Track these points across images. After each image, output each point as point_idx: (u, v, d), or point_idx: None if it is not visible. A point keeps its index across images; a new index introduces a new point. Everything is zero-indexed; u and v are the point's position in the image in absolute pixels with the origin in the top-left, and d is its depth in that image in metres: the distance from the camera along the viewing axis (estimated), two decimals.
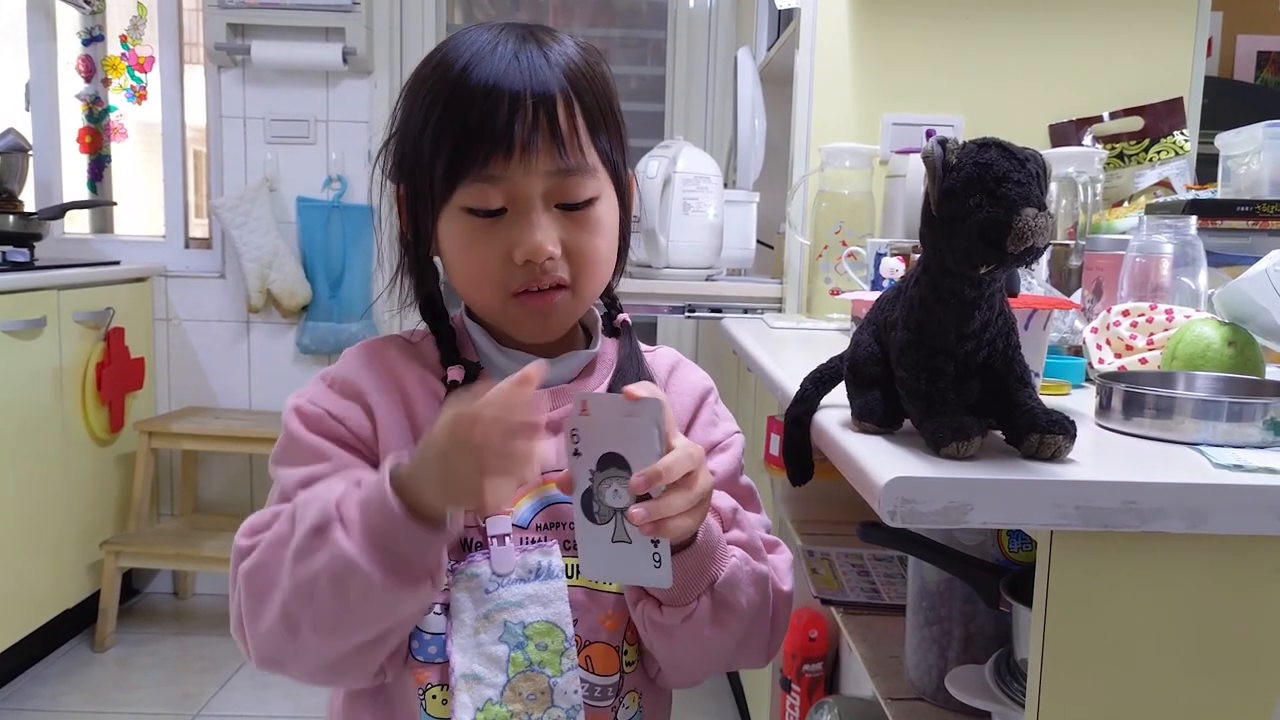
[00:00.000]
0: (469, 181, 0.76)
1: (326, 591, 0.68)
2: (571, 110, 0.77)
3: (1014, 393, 0.71)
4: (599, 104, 0.79)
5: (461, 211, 0.78)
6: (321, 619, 0.69)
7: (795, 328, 1.68)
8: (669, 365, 0.90)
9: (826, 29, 1.87)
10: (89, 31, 3.02)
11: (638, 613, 0.78)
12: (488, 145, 0.75)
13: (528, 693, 0.77)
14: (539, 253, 0.76)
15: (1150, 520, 0.63)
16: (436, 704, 0.77)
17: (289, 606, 0.69)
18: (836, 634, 1.75)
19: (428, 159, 0.77)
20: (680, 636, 0.77)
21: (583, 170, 0.77)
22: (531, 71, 0.75)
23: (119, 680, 2.52)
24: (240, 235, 2.85)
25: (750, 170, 2.19)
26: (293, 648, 0.72)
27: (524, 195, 0.76)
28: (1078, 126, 1.83)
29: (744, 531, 0.80)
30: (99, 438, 2.69)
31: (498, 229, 0.77)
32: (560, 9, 3.13)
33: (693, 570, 0.74)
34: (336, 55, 2.79)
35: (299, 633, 0.70)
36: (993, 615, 0.97)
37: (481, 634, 0.76)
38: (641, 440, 0.68)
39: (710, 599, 0.76)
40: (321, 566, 0.67)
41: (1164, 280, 1.08)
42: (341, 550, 0.67)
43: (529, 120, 0.74)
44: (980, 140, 0.68)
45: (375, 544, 0.67)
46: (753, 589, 0.78)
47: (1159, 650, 0.66)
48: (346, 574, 0.67)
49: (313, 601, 0.69)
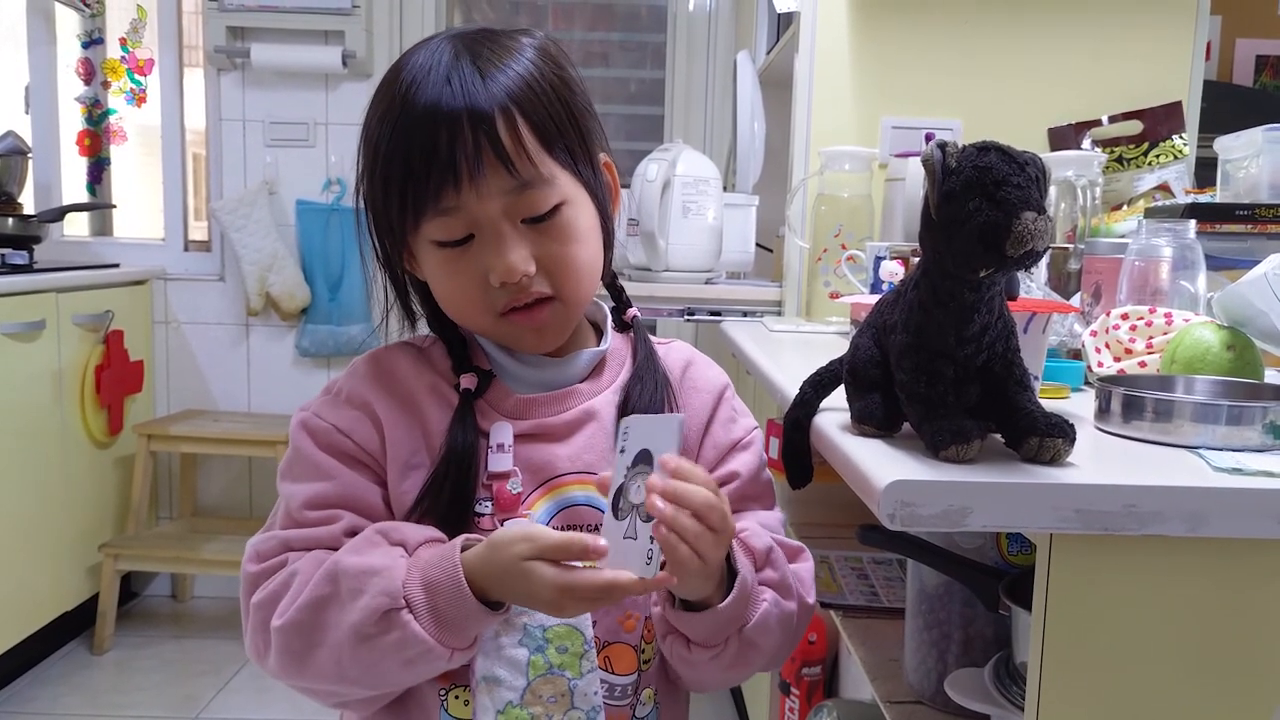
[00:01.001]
0: (429, 217, 0.76)
1: (395, 669, 0.72)
2: (514, 125, 0.74)
3: (1013, 396, 0.71)
4: (549, 110, 0.76)
5: (431, 244, 0.78)
6: (381, 684, 0.74)
7: (794, 331, 1.68)
8: (684, 361, 0.90)
9: (826, 32, 1.87)
10: (89, 34, 3.02)
11: (665, 645, 0.79)
12: (436, 178, 0.74)
13: (548, 695, 0.77)
14: (512, 273, 0.76)
15: (1149, 523, 0.63)
16: (458, 705, 0.78)
17: (347, 672, 0.73)
18: (836, 637, 1.75)
19: (382, 202, 0.78)
20: (705, 669, 0.79)
21: (538, 182, 0.76)
22: (466, 94, 0.73)
23: (118, 683, 2.51)
24: (240, 238, 2.85)
25: (750, 173, 2.20)
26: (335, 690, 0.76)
27: (484, 219, 0.76)
28: (1077, 130, 1.84)
29: (776, 571, 0.80)
30: (98, 440, 2.69)
31: (469, 256, 0.77)
32: (559, 12, 3.14)
33: (725, 618, 0.75)
34: (336, 58, 2.79)
35: (350, 686, 0.75)
36: (992, 618, 0.97)
37: (502, 637, 0.77)
38: (666, 440, 0.70)
39: (739, 641, 0.77)
40: (391, 646, 0.71)
41: (1163, 284, 1.08)
42: (414, 635, 0.70)
43: (469, 145, 0.73)
44: (979, 144, 0.68)
45: (443, 626, 0.70)
46: (779, 630, 0.79)
47: (1158, 653, 0.66)
48: (419, 657, 0.71)
49: (375, 671, 0.72)
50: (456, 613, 0.70)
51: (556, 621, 0.77)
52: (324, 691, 0.76)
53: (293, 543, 0.76)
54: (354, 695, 0.76)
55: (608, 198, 0.84)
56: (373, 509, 0.78)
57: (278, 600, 0.73)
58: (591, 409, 0.82)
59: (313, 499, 0.77)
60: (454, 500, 0.77)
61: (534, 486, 0.80)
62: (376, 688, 0.75)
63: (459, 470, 0.77)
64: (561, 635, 0.78)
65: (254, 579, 0.76)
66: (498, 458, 0.79)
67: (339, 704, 0.79)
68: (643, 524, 0.68)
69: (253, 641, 0.76)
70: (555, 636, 0.77)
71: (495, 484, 0.79)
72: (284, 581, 0.74)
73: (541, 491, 0.80)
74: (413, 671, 0.73)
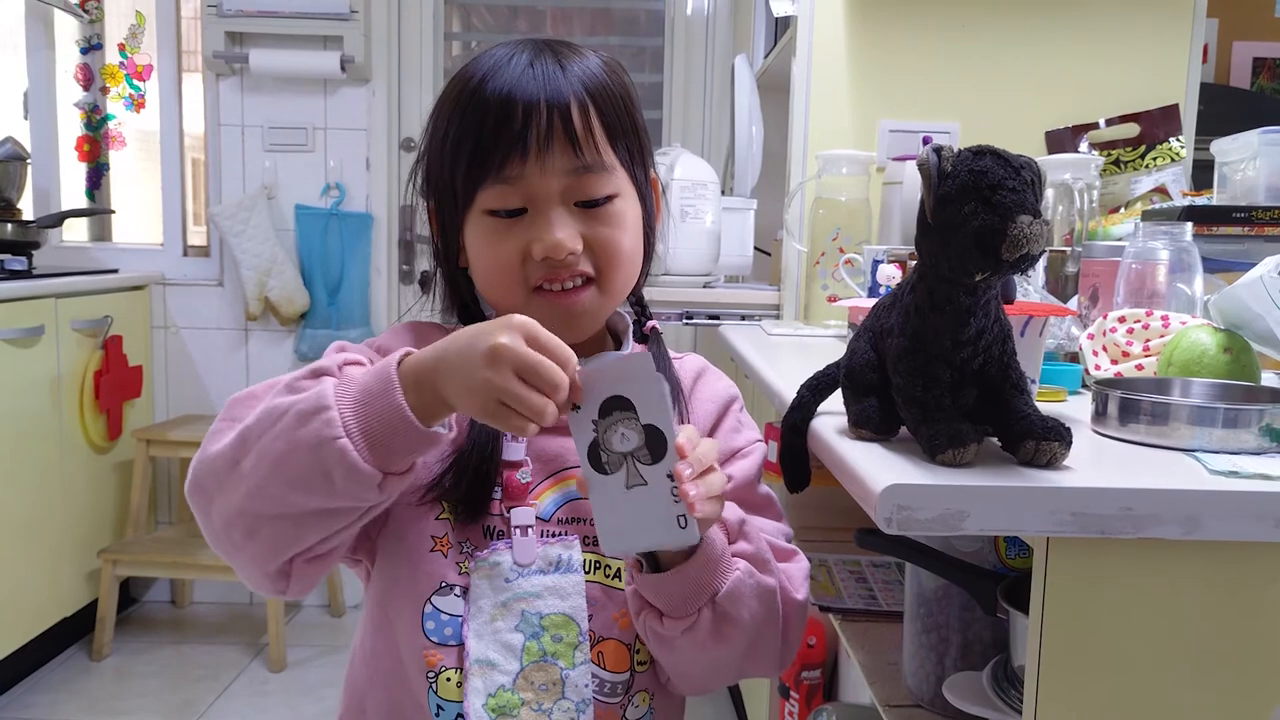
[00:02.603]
0: (488, 185, 0.78)
1: (289, 422, 0.67)
2: (586, 113, 0.79)
3: (1010, 399, 0.71)
4: (616, 110, 0.81)
5: (484, 215, 0.80)
6: (268, 451, 0.68)
7: (792, 334, 1.68)
8: (695, 372, 0.92)
9: (823, 36, 1.87)
10: (87, 40, 3.02)
11: (639, 622, 0.78)
12: (504, 148, 0.77)
13: (540, 682, 0.78)
14: (558, 249, 0.78)
15: (1146, 527, 0.63)
16: (450, 686, 0.78)
17: (249, 430, 0.69)
18: (835, 641, 1.75)
19: (449, 169, 0.80)
20: (682, 648, 0.77)
21: (599, 168, 0.79)
22: (546, 79, 0.78)
23: (116, 689, 2.51)
24: (238, 243, 2.85)
25: (748, 177, 2.20)
26: (228, 478, 0.70)
27: (542, 194, 0.78)
28: (1074, 133, 1.84)
29: (750, 544, 0.79)
30: (97, 446, 2.69)
31: (518, 228, 0.79)
32: (559, 18, 3.14)
33: (694, 582, 0.74)
34: (334, 63, 2.80)
35: (240, 462, 0.69)
36: (990, 622, 0.97)
37: (498, 621, 0.78)
38: (641, 376, 0.67)
39: (711, 611, 0.75)
40: (296, 400, 0.67)
41: (1160, 286, 1.08)
42: (323, 390, 0.67)
43: (543, 122, 0.77)
44: (975, 148, 0.68)
45: (357, 401, 0.67)
46: (756, 602, 0.77)
47: (1155, 656, 0.66)
48: (314, 410, 0.66)
49: (272, 429, 0.68)
50: (378, 392, 0.66)
51: (554, 610, 0.78)
52: (232, 515, 0.70)
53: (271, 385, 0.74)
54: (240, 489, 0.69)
55: (653, 209, 0.87)
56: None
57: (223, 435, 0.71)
58: None
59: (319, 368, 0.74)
60: (472, 484, 0.78)
61: (543, 477, 0.82)
62: (262, 465, 0.68)
63: (480, 456, 0.79)
64: (557, 624, 0.79)
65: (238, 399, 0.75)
66: (511, 446, 0.81)
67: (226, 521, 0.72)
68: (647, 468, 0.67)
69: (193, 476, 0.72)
70: (551, 624, 0.79)
71: (506, 471, 0.80)
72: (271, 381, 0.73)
73: (550, 482, 0.81)
74: (298, 443, 0.66)
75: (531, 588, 0.78)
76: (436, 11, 3.00)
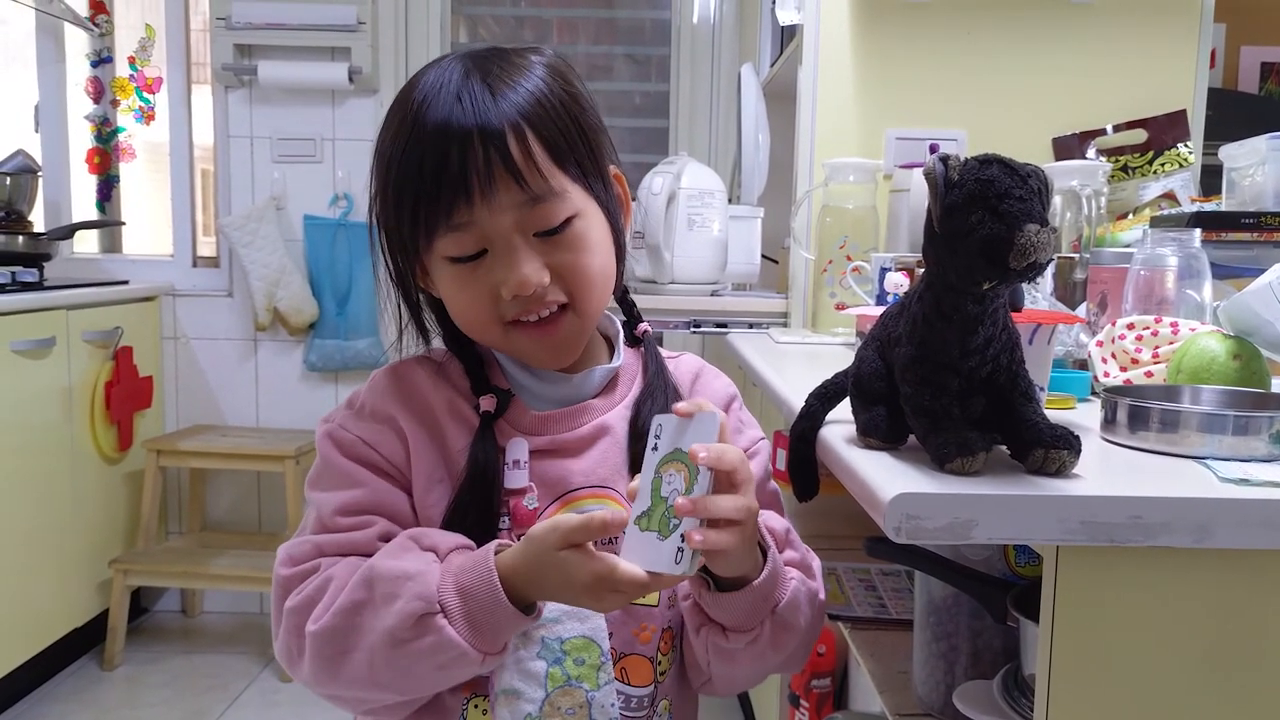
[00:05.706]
0: (441, 234, 0.76)
1: (428, 674, 0.73)
2: (524, 140, 0.75)
3: (1018, 407, 0.71)
4: (559, 126, 0.77)
5: (444, 261, 0.78)
6: (413, 689, 0.74)
7: (800, 343, 1.68)
8: (692, 372, 0.91)
9: (829, 44, 1.88)
10: (97, 53, 3.04)
11: (700, 638, 0.79)
12: (448, 196, 0.75)
13: (566, 707, 0.78)
14: (524, 287, 0.76)
15: (1156, 535, 0.63)
16: (477, 715, 0.79)
17: (380, 676, 0.72)
18: (844, 649, 1.75)
19: (397, 220, 0.79)
20: (743, 659, 0.79)
21: (549, 195, 0.76)
22: (477, 110, 0.74)
23: (128, 699, 2.51)
24: (247, 254, 2.87)
25: (754, 185, 2.20)
26: (368, 696, 0.76)
27: (496, 234, 0.76)
28: (1081, 140, 1.84)
29: (796, 551, 0.82)
30: (107, 456, 2.70)
31: (482, 270, 0.78)
32: (564, 27, 3.15)
33: (760, 597, 0.76)
34: (342, 74, 2.81)
35: (382, 692, 0.74)
36: (1000, 630, 0.96)
37: (520, 650, 0.77)
38: (704, 436, 0.70)
39: (772, 622, 0.78)
40: (425, 650, 0.71)
41: (1169, 293, 1.08)
42: (449, 639, 0.71)
43: (480, 161, 0.74)
44: (981, 157, 0.68)
45: (477, 630, 0.71)
46: (809, 608, 0.81)
47: (1166, 665, 0.66)
48: (452, 661, 0.71)
49: (409, 676, 0.72)
50: (490, 616, 0.70)
51: (574, 634, 0.78)
52: (353, 698, 0.76)
53: (325, 547, 0.77)
54: (383, 700, 0.76)
55: (619, 211, 0.85)
56: (403, 515, 0.79)
57: (313, 605, 0.74)
58: (605, 424, 0.83)
59: (345, 505, 0.78)
60: (479, 520, 0.78)
61: (549, 501, 0.81)
62: (408, 693, 0.75)
63: (482, 490, 0.79)
64: (579, 647, 0.78)
65: (286, 583, 0.76)
66: (514, 474, 0.80)
67: (366, 712, 0.79)
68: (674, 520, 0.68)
69: (285, 646, 0.76)
70: (573, 649, 0.78)
71: (512, 499, 0.80)
72: (319, 586, 0.74)
73: (556, 506, 0.81)
74: (445, 675, 0.73)
75: (549, 613, 0.77)
76: (444, 22, 3.01)
